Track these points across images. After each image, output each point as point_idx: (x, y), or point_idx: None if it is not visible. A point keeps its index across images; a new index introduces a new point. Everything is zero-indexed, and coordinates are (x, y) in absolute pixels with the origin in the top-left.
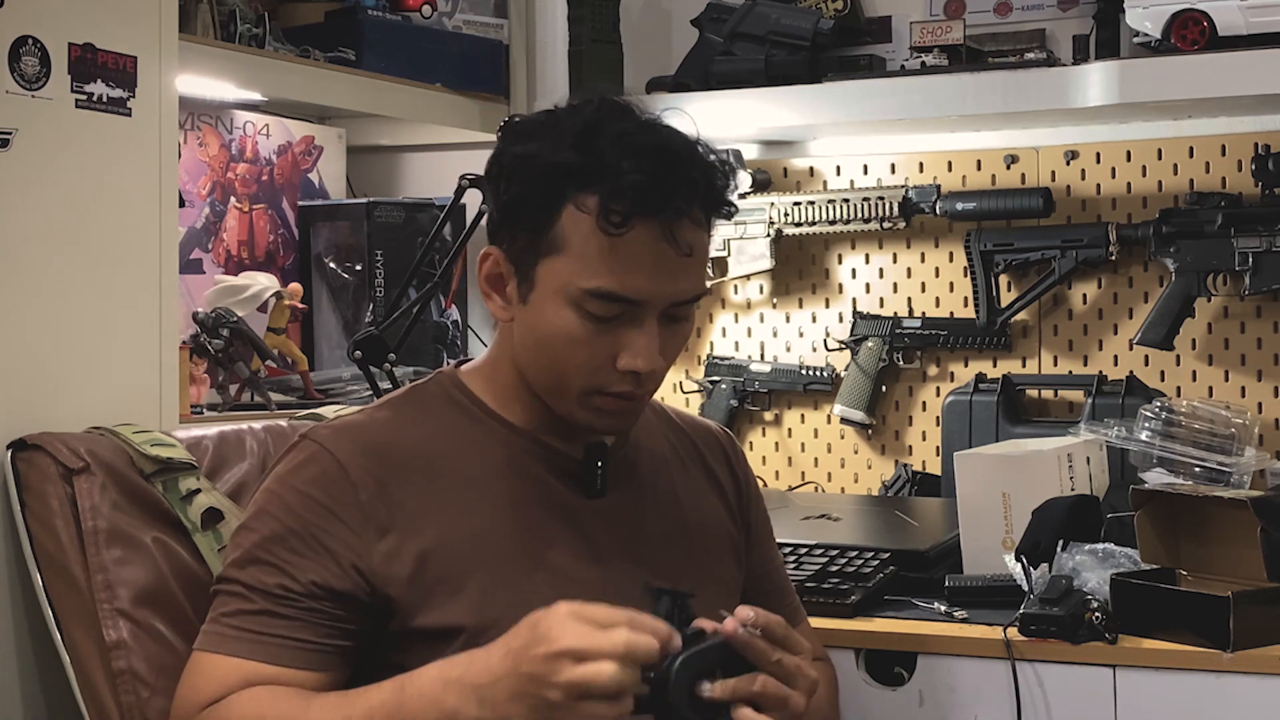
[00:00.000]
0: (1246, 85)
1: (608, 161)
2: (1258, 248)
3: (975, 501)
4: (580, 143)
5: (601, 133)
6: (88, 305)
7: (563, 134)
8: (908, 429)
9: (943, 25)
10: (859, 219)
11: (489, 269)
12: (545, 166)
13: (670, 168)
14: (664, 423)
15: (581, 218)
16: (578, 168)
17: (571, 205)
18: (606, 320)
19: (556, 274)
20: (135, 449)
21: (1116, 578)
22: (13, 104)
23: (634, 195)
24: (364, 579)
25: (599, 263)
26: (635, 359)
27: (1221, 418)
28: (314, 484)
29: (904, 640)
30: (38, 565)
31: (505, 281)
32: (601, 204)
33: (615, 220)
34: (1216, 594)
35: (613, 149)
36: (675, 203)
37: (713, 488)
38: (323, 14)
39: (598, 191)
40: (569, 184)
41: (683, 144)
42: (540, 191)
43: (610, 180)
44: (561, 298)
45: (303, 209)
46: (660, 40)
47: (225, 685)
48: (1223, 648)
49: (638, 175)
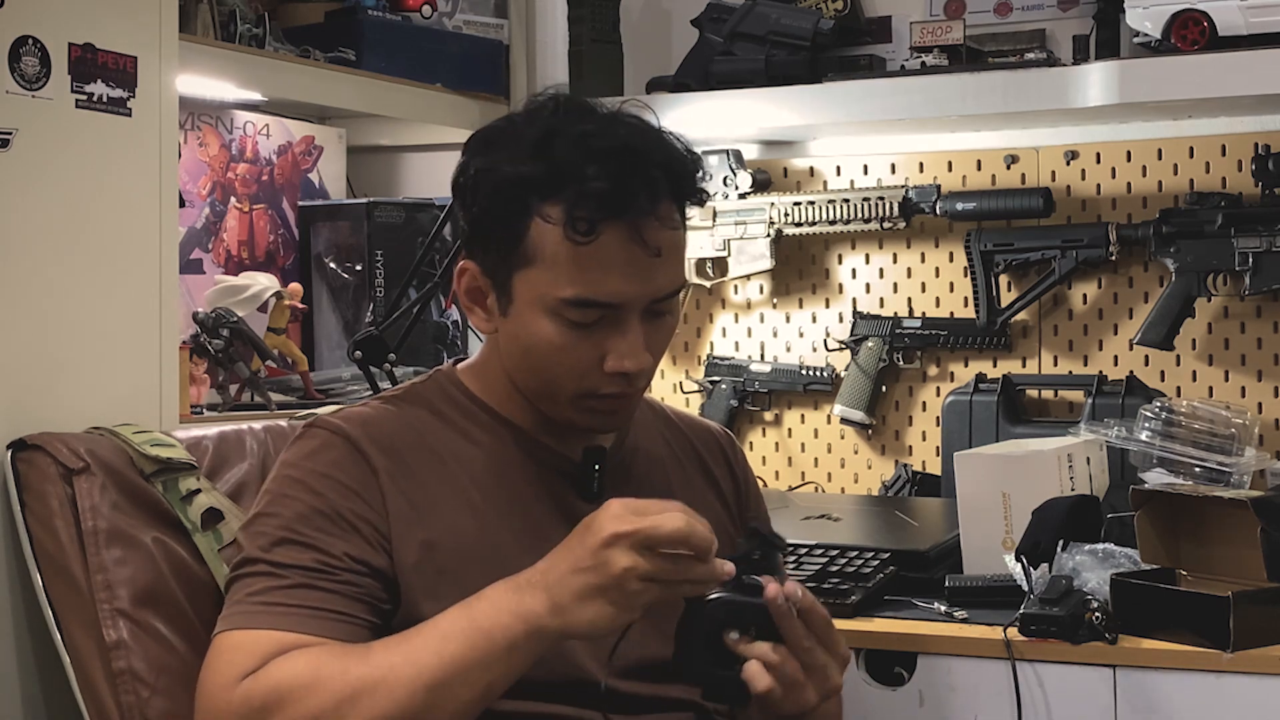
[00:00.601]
0: (1246, 85)
1: (568, 168)
2: (1258, 248)
3: (975, 501)
4: (539, 151)
5: (560, 138)
6: (88, 305)
7: (522, 143)
8: (908, 429)
9: (943, 25)
10: (859, 219)
11: (467, 283)
12: (507, 179)
13: (633, 168)
14: (662, 422)
15: (548, 229)
16: (539, 178)
17: (538, 217)
18: (587, 326)
19: (532, 285)
20: (135, 449)
21: (1116, 578)
22: (13, 104)
23: (598, 201)
24: (389, 557)
25: (571, 271)
26: (622, 360)
27: (1221, 418)
28: (334, 466)
29: (904, 640)
30: (37, 565)
31: (485, 294)
32: (567, 213)
33: (582, 229)
34: (1217, 594)
35: (572, 154)
36: (639, 203)
37: (710, 488)
38: (323, 14)
39: (561, 201)
40: (532, 195)
41: (642, 139)
42: (505, 205)
43: (573, 187)
44: (540, 308)
45: (303, 209)
46: (660, 40)
47: (263, 656)
48: (1223, 648)
49: (600, 181)
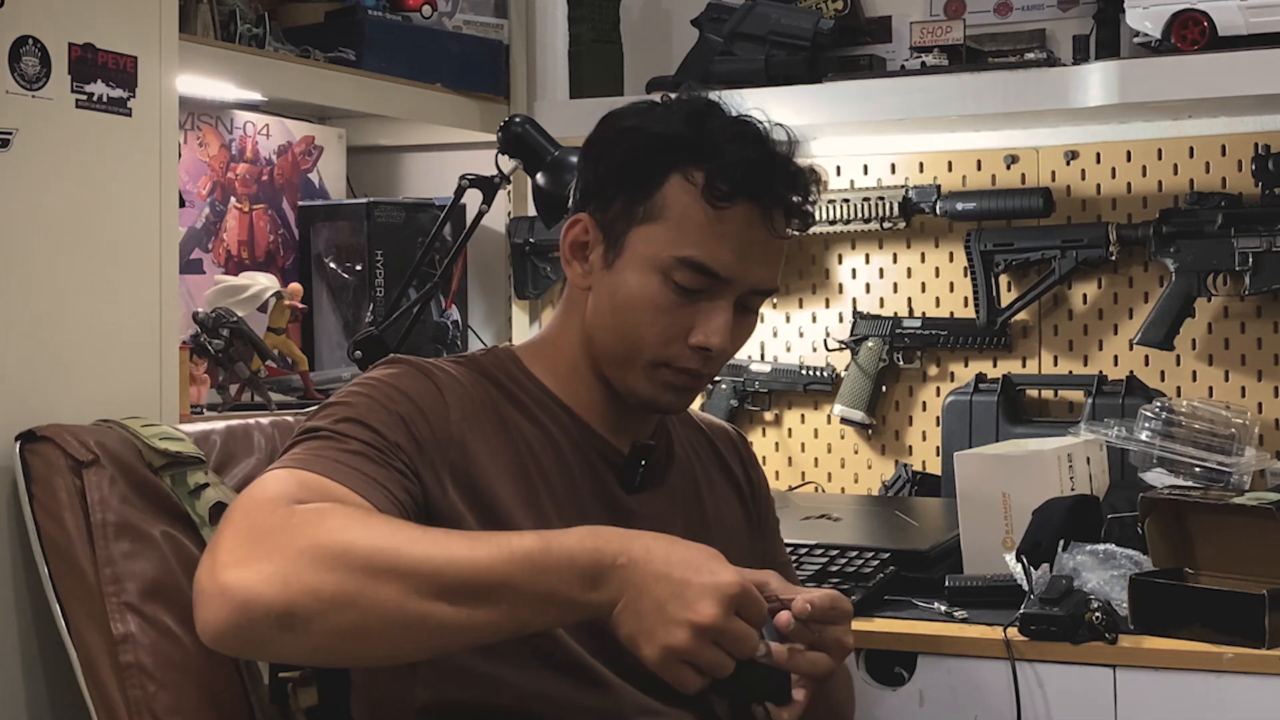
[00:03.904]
0: (1246, 85)
1: (718, 140)
2: (1258, 248)
3: (975, 501)
4: (693, 121)
5: (714, 117)
6: (88, 306)
7: (673, 113)
8: (908, 429)
9: (943, 25)
10: (859, 219)
11: (575, 235)
12: (657, 137)
13: (775, 157)
14: (686, 424)
15: (687, 187)
16: (689, 141)
17: (679, 175)
18: (689, 293)
19: (650, 241)
20: (144, 442)
21: (1136, 578)
22: (13, 104)
23: (742, 174)
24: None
25: (696, 233)
26: (709, 336)
27: (1221, 418)
28: (410, 387)
29: (904, 640)
30: (45, 558)
31: (590, 248)
32: (708, 178)
33: (721, 194)
34: (1250, 592)
35: (726, 130)
36: (777, 189)
37: (731, 487)
38: (323, 14)
39: (705, 167)
40: (679, 155)
41: (788, 146)
42: (649, 159)
43: (719, 158)
44: (649, 265)
45: (303, 209)
46: (660, 40)
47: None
48: (1258, 645)
49: (746, 157)
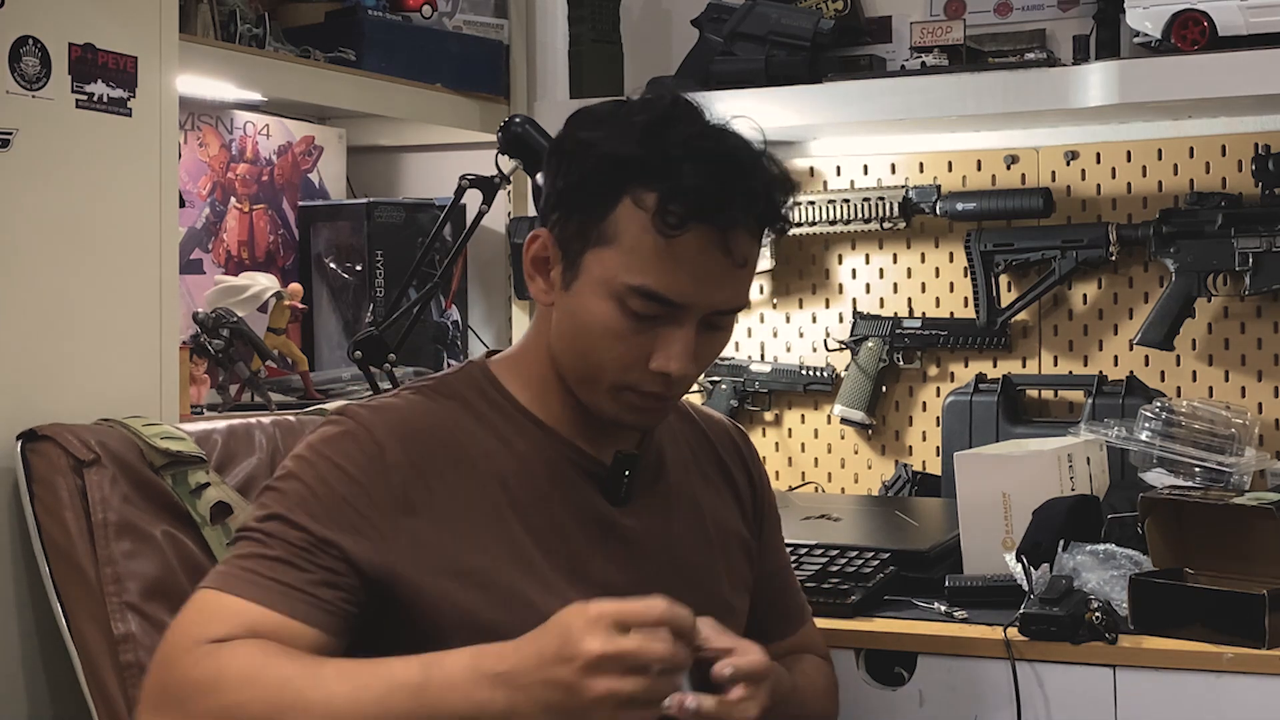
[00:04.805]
0: (1246, 85)
1: (672, 161)
2: (1258, 248)
3: (975, 501)
4: (646, 138)
5: (669, 131)
6: (88, 306)
7: (630, 127)
8: (908, 429)
9: (943, 25)
10: (859, 219)
11: (536, 250)
12: (608, 157)
13: (733, 176)
14: (682, 420)
15: (638, 213)
16: (641, 162)
17: (629, 199)
18: (646, 319)
19: (603, 265)
20: (145, 442)
21: (1136, 577)
22: (13, 104)
23: (694, 199)
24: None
25: (648, 261)
26: (668, 362)
27: (1221, 418)
28: (348, 458)
29: (904, 640)
30: (46, 557)
31: (550, 265)
32: (660, 203)
33: (671, 221)
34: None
35: (678, 149)
36: (733, 212)
37: (728, 488)
38: (323, 14)
39: (658, 189)
40: (630, 177)
41: (748, 153)
42: (600, 180)
43: (672, 180)
44: (604, 289)
45: (303, 209)
46: (660, 40)
47: (229, 626)
48: (1259, 645)
49: (700, 179)
